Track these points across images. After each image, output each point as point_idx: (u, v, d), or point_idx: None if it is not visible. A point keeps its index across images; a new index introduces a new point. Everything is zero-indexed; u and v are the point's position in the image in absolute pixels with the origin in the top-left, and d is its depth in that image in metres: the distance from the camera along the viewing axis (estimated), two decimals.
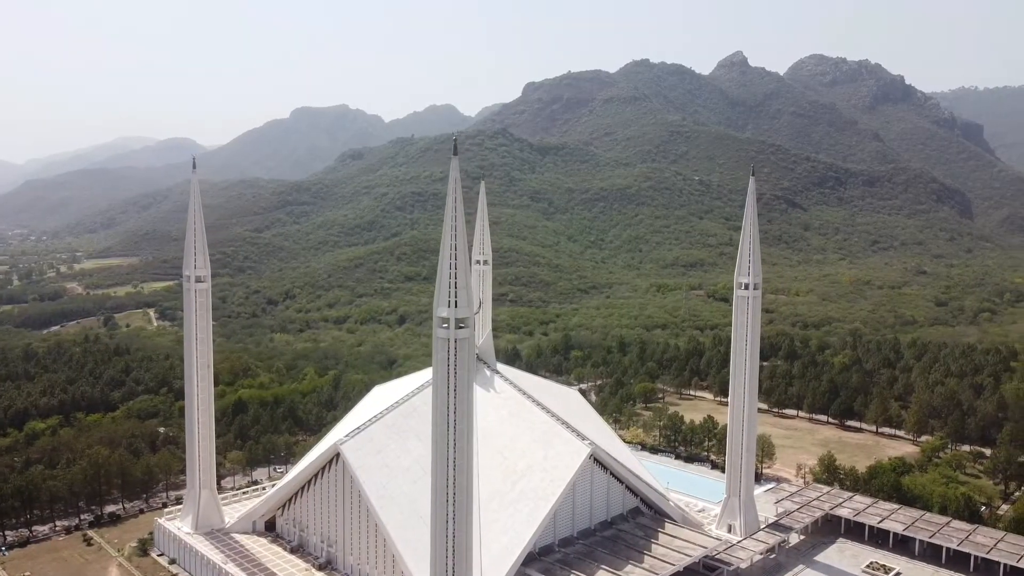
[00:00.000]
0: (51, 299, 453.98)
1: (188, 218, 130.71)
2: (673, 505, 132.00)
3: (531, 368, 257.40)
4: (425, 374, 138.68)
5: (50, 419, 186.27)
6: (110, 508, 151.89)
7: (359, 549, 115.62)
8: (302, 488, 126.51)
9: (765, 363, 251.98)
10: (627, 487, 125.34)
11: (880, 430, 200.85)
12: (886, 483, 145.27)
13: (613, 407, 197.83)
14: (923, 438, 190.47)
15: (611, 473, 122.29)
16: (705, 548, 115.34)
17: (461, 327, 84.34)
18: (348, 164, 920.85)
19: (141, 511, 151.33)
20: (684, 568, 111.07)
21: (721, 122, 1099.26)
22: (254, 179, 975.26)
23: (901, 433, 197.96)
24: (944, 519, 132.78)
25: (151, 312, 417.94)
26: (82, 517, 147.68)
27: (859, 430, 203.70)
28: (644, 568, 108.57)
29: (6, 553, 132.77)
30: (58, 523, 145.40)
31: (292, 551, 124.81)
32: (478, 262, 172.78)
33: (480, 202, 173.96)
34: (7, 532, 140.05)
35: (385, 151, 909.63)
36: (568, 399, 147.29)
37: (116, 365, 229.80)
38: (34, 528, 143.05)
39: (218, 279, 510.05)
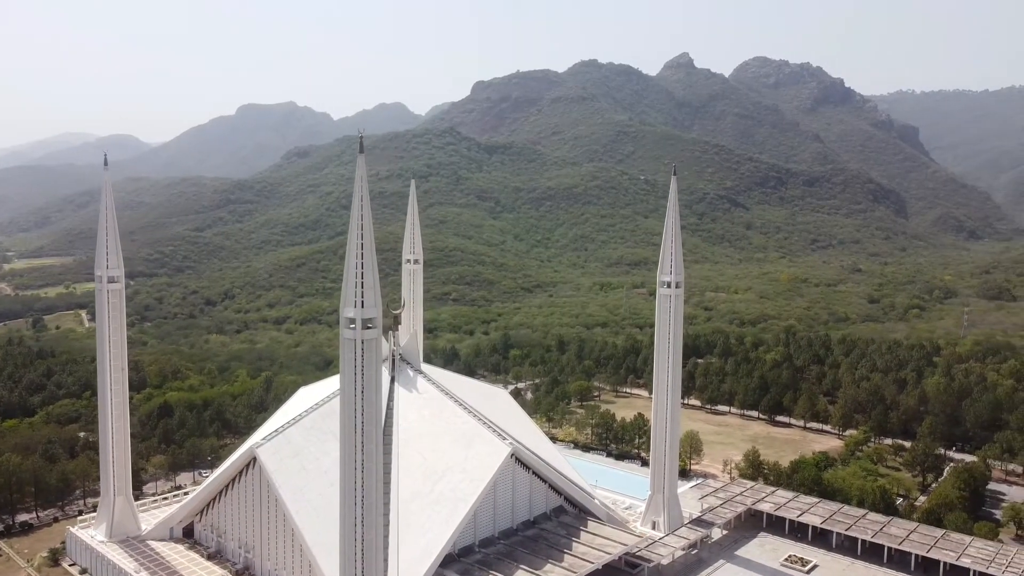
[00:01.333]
0: None
1: (99, 217, 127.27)
2: (598, 503, 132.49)
3: (469, 367, 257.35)
4: None
5: None
6: (23, 517, 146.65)
7: (276, 554, 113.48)
8: (220, 493, 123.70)
9: (700, 360, 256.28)
10: (550, 486, 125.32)
11: (808, 425, 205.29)
12: (807, 477, 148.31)
13: (547, 406, 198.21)
14: (848, 433, 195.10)
15: (534, 472, 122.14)
16: (625, 545, 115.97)
17: (368, 328, 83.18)
18: (294, 162, 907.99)
19: (56, 519, 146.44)
20: (604, 566, 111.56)
21: (667, 122, 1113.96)
22: (196, 177, 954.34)
23: (828, 428, 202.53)
24: (861, 512, 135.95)
25: (83, 313, 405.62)
26: None
27: (788, 425, 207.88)
28: (563, 567, 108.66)
29: None
30: None
31: (209, 557, 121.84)
32: (409, 261, 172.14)
33: (411, 201, 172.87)
34: None
35: (331, 149, 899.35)
36: (496, 399, 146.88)
37: (37, 368, 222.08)
38: None
39: (155, 279, 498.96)
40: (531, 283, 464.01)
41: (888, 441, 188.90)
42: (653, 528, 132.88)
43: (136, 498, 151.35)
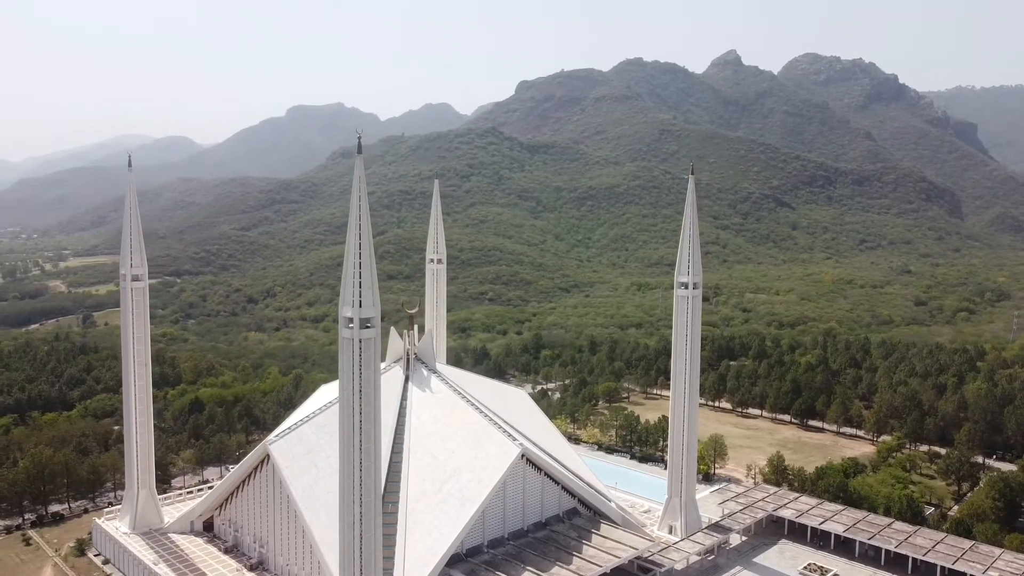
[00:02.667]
0: (31, 297, 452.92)
1: (124, 216, 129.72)
2: (614, 506, 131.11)
3: (499, 367, 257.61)
4: None
5: (3, 418, 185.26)
6: (55, 508, 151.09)
7: (288, 550, 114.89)
8: (237, 488, 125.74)
9: (733, 363, 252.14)
10: (563, 488, 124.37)
11: (841, 430, 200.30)
12: (832, 484, 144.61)
13: (571, 407, 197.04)
14: (882, 438, 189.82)
15: (545, 474, 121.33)
16: (635, 549, 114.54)
17: (367, 327, 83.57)
18: (339, 162, 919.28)
19: (86, 511, 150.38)
20: (613, 569, 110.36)
21: (713, 121, 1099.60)
22: (245, 177, 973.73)
23: (861, 433, 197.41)
24: (886, 520, 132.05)
25: None
26: (25, 517, 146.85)
27: (820, 430, 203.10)
28: (571, 570, 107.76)
29: None
30: (1, 522, 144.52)
31: (226, 551, 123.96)
32: (432, 260, 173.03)
33: (434, 201, 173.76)
34: None
35: (375, 149, 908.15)
36: (513, 399, 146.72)
37: (79, 364, 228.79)
38: None
39: (201, 277, 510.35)
40: (568, 283, 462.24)
41: (924, 448, 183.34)
42: (670, 532, 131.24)
43: (164, 492, 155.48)
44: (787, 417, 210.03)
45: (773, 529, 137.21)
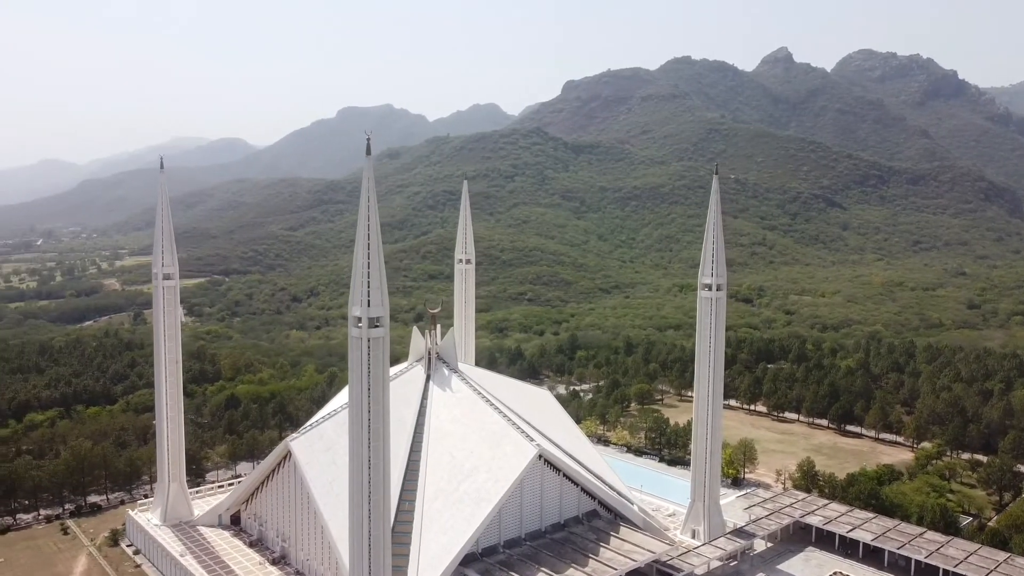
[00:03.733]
0: (87, 295, 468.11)
1: (156, 217, 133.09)
2: (636, 509, 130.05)
3: (533, 368, 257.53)
4: (396, 370, 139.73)
5: (50, 411, 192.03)
6: (94, 499, 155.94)
7: (308, 546, 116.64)
8: (261, 484, 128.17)
9: (771, 366, 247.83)
10: (583, 489, 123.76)
11: (880, 436, 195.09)
12: (863, 491, 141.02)
13: (601, 408, 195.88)
14: (922, 445, 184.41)
15: (564, 475, 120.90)
16: (653, 553, 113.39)
17: (375, 326, 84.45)
18: (385, 163, 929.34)
19: (122, 502, 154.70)
20: (629, 573, 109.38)
21: (763, 119, 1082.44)
22: (294, 178, 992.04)
23: (901, 440, 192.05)
24: (918, 530, 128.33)
25: (180, 308, 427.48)
26: (65, 507, 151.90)
27: (858, 436, 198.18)
28: (585, 572, 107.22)
29: None
30: (42, 512, 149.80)
31: (251, 545, 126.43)
32: (460, 261, 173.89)
33: (463, 202, 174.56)
34: None
35: (421, 150, 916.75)
36: (537, 400, 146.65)
37: (124, 359, 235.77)
38: (18, 516, 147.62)
39: (248, 276, 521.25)
40: (609, 284, 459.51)
41: (966, 456, 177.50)
42: (693, 537, 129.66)
43: (198, 485, 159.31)
44: (824, 422, 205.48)
45: (800, 536, 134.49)
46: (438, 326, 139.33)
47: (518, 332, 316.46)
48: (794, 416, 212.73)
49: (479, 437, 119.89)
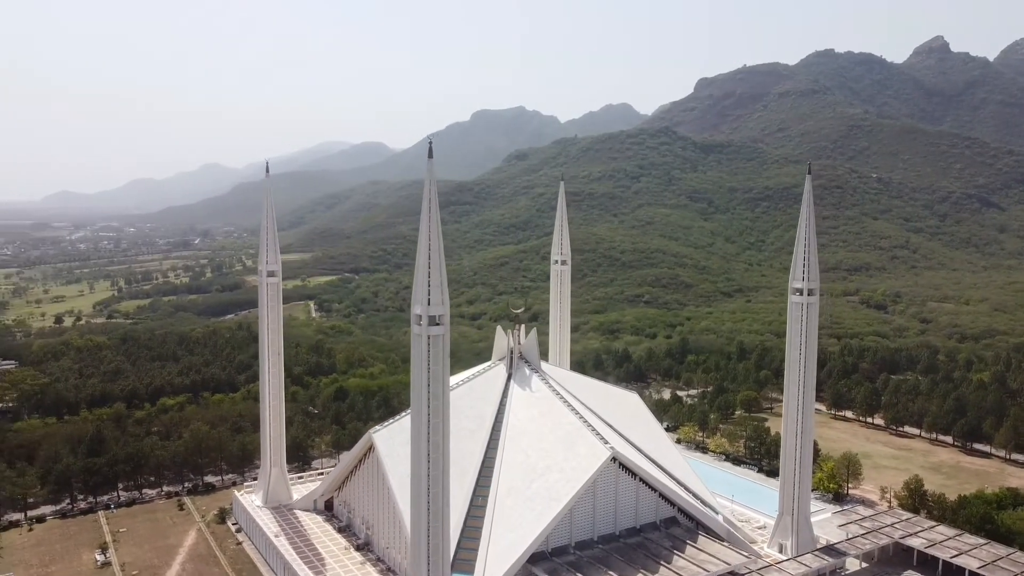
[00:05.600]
0: (230, 290, 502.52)
1: (262, 218, 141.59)
2: (720, 519, 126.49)
3: (640, 371, 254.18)
4: (480, 368, 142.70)
5: (180, 397, 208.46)
6: (210, 479, 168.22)
7: (388, 534, 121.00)
8: (351, 473, 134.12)
9: (893, 376, 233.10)
10: (661, 495, 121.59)
11: (1011, 457, 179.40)
12: (975, 514, 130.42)
13: (700, 414, 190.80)
14: None
15: (640, 479, 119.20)
16: (728, 564, 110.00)
17: (435, 324, 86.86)
18: (513, 164, 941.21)
19: (234, 483, 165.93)
20: None
21: (913, 114, 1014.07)
22: None
23: None
24: None
25: (311, 304, 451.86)
26: (184, 485, 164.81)
27: (987, 455, 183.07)
28: None
29: (114, 510, 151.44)
30: (164, 488, 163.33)
31: (340, 530, 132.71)
32: (556, 262, 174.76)
33: (559, 203, 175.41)
34: (121, 492, 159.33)
35: (547, 151, 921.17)
36: (623, 403, 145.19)
37: (250, 351, 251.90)
38: (144, 491, 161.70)
39: (376, 275, 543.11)
40: (732, 287, 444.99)
41: None
42: (780, 551, 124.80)
43: (303, 471, 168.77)
44: (948, 439, 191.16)
45: (902, 558, 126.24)
46: (522, 326, 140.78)
47: (629, 335, 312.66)
48: (915, 431, 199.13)
49: (554, 437, 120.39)
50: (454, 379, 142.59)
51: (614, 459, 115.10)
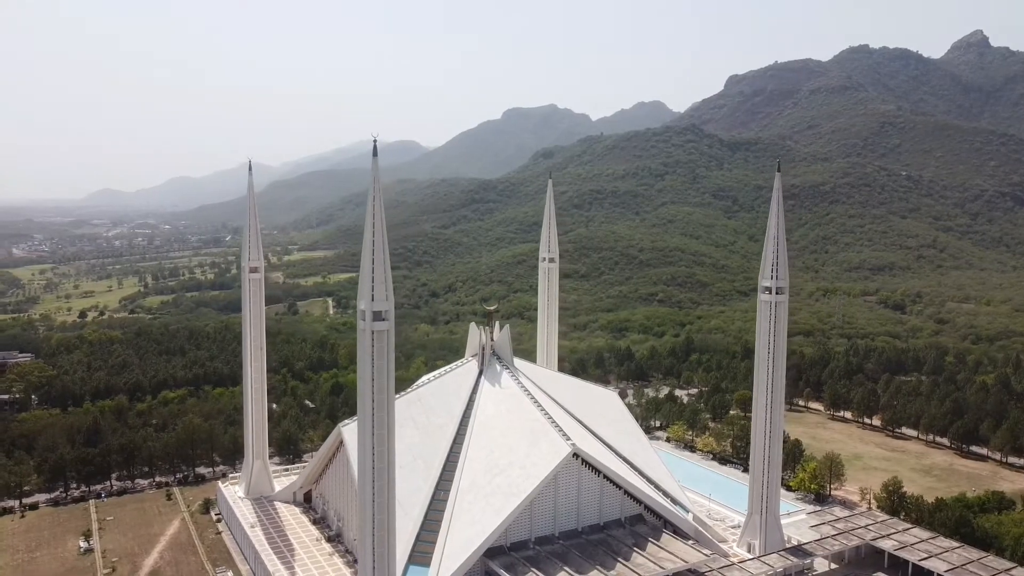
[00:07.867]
0: None
1: (246, 215, 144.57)
2: (691, 517, 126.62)
3: (641, 369, 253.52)
4: (453, 365, 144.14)
5: (181, 390, 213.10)
6: (201, 470, 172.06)
7: (356, 526, 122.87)
8: (326, 466, 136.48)
9: (897, 377, 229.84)
10: (626, 492, 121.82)
11: (1007, 460, 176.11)
12: (951, 517, 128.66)
13: (691, 413, 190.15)
14: None
15: (604, 476, 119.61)
16: (686, 562, 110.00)
17: (380, 319, 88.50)
18: (539, 162, 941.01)
19: (224, 475, 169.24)
20: None
21: (949, 111, 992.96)
22: (453, 178, 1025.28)
23: None
24: (1006, 565, 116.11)
25: (329, 300, 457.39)
26: (176, 476, 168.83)
27: (983, 458, 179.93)
28: (610, 575, 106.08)
29: (104, 499, 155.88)
30: (156, 479, 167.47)
31: (314, 522, 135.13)
32: (544, 259, 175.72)
33: (548, 201, 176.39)
34: (115, 482, 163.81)
35: (573, 149, 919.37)
36: (599, 401, 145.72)
37: None
38: (136, 481, 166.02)
39: (395, 272, 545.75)
40: (749, 286, 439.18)
41: None
42: (748, 550, 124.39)
43: (292, 463, 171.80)
44: (945, 441, 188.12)
45: (872, 560, 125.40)
46: (496, 323, 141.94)
47: (637, 333, 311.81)
48: (912, 433, 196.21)
49: (518, 433, 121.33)
50: (428, 375, 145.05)
51: (576, 455, 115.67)
